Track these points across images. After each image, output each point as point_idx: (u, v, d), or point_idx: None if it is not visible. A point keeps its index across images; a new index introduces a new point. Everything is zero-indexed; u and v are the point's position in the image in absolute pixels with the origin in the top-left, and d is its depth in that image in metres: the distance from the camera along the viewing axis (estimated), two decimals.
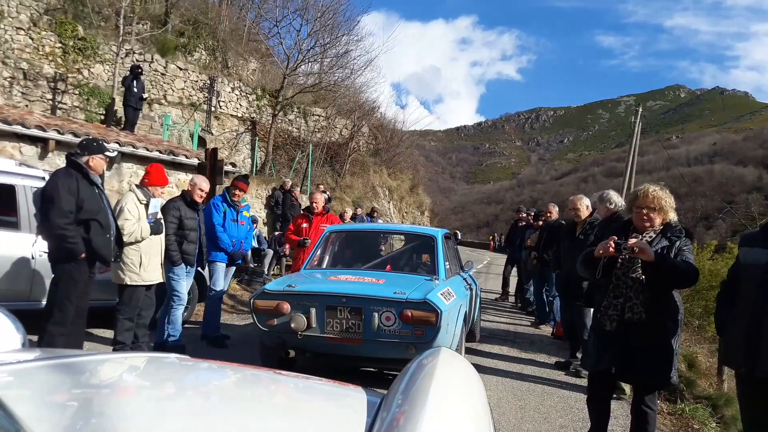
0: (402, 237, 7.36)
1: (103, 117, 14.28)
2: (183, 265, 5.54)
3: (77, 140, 9.34)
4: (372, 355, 4.61)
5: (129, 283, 4.99)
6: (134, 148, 10.03)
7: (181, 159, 10.55)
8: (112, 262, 4.83)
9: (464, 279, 6.25)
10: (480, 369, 1.82)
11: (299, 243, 6.93)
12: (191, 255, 5.58)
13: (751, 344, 2.89)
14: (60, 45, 14.22)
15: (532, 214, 10.82)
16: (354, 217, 13.61)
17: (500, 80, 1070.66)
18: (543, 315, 8.81)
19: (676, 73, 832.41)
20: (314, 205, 7.12)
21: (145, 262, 5.00)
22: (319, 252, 5.79)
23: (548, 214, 8.63)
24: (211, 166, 9.25)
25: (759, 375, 2.93)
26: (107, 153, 4.69)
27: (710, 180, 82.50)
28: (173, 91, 16.89)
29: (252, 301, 4.79)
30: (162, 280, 5.28)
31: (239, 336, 6.67)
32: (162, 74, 16.60)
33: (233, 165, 11.21)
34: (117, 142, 9.86)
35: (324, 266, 5.72)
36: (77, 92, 14.44)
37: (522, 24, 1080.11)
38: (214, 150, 9.53)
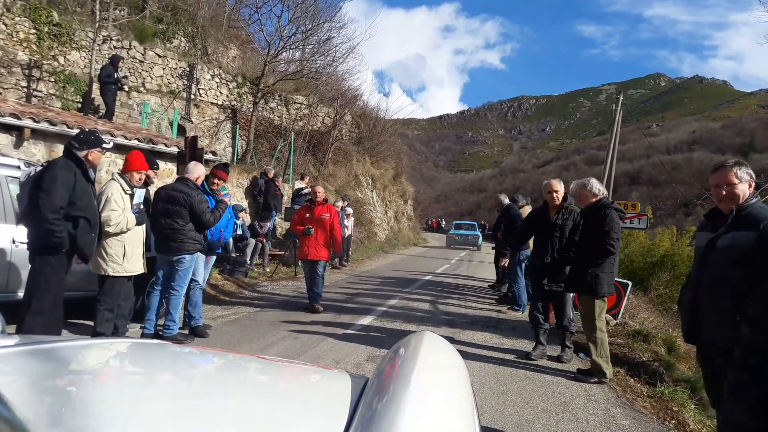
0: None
1: (80, 105, 14.00)
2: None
3: (53, 129, 9.19)
4: (464, 245, 28.98)
5: (111, 273, 4.90)
6: (112, 136, 9.84)
7: (161, 147, 10.40)
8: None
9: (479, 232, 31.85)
10: (463, 356, 1.83)
11: (304, 232, 7.85)
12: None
13: (692, 316, 3.07)
14: (35, 31, 13.84)
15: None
16: (343, 208, 14.03)
17: (483, 68, 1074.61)
18: (514, 301, 8.95)
19: (655, 62, 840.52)
20: (317, 195, 8.03)
21: (128, 253, 4.92)
22: (452, 225, 34.78)
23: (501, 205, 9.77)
24: (190, 155, 9.08)
25: (698, 343, 3.12)
26: (105, 145, 4.59)
27: (689, 167, 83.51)
28: (152, 78, 16.54)
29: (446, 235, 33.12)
30: (144, 271, 5.21)
31: (221, 326, 6.62)
32: (140, 61, 16.23)
33: (213, 153, 11.07)
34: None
35: (453, 230, 32.13)
36: (53, 80, 14.16)
37: (505, 12, 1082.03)
38: (194, 138, 9.37)
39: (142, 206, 5.04)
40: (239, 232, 11.69)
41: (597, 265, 5.00)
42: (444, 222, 62.81)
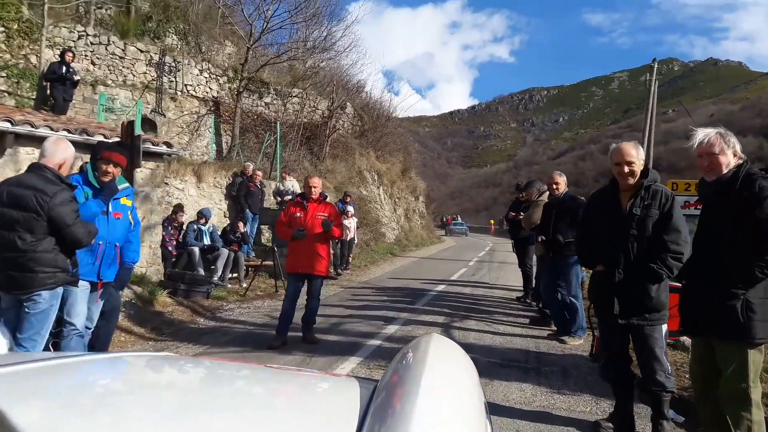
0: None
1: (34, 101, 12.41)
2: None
3: None
4: (459, 234, 46.87)
5: None
6: (32, 127, 7.79)
7: (98, 139, 8.29)
8: None
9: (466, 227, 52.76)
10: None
11: (293, 236, 5.82)
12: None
13: None
14: (3, 29, 12.86)
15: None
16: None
17: (493, 62, 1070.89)
18: (562, 320, 6.56)
19: (666, 47, 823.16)
20: (312, 190, 6.05)
21: None
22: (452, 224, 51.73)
23: (555, 186, 6.50)
24: (127, 145, 6.99)
25: None
26: None
27: None
28: (134, 75, 15.27)
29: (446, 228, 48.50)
30: None
31: None
32: (120, 57, 14.99)
33: (168, 145, 8.92)
34: (9, 121, 7.63)
35: (452, 225, 50.26)
36: (5, 74, 12.79)
37: (510, 4, 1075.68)
38: (131, 123, 7.32)
39: None
40: (207, 241, 9.61)
41: (754, 282, 2.78)
42: (459, 218, 61.59)
